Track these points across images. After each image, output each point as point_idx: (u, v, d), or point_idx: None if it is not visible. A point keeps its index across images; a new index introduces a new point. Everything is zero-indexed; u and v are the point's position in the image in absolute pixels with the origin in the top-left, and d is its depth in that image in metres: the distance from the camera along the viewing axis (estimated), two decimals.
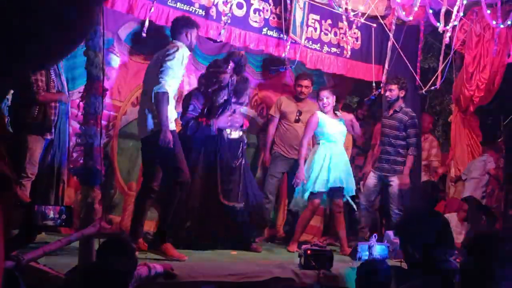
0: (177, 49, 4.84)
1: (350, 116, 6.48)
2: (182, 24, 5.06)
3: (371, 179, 6.64)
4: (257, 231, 6.43)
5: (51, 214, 2.92)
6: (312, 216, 6.35)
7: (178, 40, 5.02)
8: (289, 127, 6.78)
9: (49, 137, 5.40)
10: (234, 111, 5.87)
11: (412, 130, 6.46)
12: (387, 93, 6.51)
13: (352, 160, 7.10)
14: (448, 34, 6.39)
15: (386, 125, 6.55)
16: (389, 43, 6.83)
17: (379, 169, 6.53)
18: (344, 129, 6.27)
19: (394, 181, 6.44)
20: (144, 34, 5.52)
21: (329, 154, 6.12)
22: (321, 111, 6.21)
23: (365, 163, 7.33)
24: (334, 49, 6.81)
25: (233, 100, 5.84)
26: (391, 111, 6.53)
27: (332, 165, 6.09)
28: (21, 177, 5.15)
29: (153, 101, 4.78)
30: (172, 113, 4.91)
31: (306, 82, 6.73)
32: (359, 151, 7.65)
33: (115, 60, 6.22)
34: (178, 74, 4.90)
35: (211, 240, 5.70)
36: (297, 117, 6.73)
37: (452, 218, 7.20)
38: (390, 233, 5.82)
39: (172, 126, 4.90)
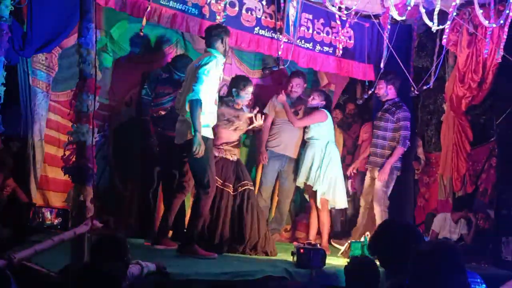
0: (210, 57, 4.99)
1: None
2: (216, 31, 5.19)
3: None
4: None
5: (49, 216, 2.93)
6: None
7: (212, 48, 5.14)
8: (284, 125, 6.78)
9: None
10: None
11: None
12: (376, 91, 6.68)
13: (343, 159, 7.16)
14: (437, 29, 6.43)
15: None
16: (384, 43, 6.83)
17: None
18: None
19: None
20: (141, 33, 5.58)
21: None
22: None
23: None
24: (326, 48, 6.82)
25: None
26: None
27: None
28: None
29: (187, 109, 4.92)
30: (208, 119, 5.04)
31: (297, 80, 6.76)
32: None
33: (108, 60, 6.20)
34: (212, 81, 5.01)
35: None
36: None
37: (446, 217, 7.18)
38: None
39: (207, 132, 5.02)
